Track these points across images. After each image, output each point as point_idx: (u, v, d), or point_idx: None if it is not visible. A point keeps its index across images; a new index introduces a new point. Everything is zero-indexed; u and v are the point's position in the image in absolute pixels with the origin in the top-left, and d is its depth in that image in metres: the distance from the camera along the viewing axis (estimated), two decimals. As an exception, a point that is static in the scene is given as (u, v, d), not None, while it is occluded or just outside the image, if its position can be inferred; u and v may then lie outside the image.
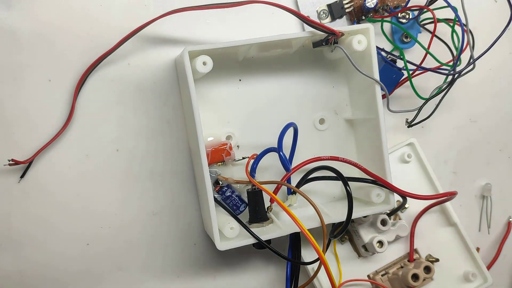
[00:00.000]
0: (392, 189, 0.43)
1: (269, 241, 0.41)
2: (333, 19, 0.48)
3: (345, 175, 0.43)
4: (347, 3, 0.48)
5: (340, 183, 0.43)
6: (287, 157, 0.44)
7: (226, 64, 0.45)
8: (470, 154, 0.55)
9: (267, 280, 0.50)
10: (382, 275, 0.49)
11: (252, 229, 0.41)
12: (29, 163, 0.43)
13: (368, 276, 0.49)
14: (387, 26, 0.50)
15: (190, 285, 0.48)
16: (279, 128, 0.42)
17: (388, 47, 0.50)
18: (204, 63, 0.39)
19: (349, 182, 0.42)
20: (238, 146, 0.46)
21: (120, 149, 0.45)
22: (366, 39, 0.42)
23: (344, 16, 0.49)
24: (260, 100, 0.46)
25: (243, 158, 0.44)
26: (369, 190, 0.44)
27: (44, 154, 0.43)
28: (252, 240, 0.41)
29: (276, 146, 0.43)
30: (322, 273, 0.46)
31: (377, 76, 0.42)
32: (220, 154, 0.43)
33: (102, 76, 0.44)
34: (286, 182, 0.44)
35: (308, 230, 0.39)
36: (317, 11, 0.48)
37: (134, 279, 0.46)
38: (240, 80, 0.46)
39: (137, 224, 0.46)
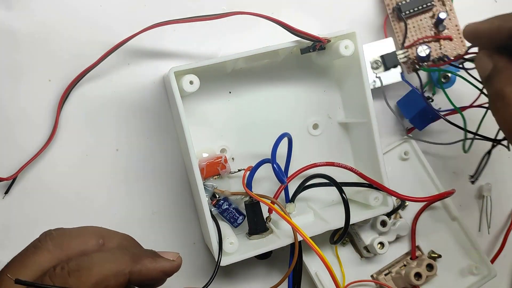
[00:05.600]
0: (389, 192, 0.43)
1: (270, 252, 0.41)
2: (387, 69, 0.48)
3: (343, 179, 0.43)
4: (400, 54, 0.48)
5: (337, 186, 0.43)
6: (282, 167, 0.43)
7: (215, 77, 0.44)
8: (470, 154, 0.54)
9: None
10: (386, 275, 0.49)
11: (252, 241, 0.42)
12: (13, 179, 0.42)
13: (372, 276, 0.49)
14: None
15: (189, 285, 0.48)
16: (273, 135, 0.41)
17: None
18: (191, 82, 0.39)
19: (346, 187, 0.42)
20: (233, 159, 0.46)
21: (119, 148, 0.45)
22: (353, 44, 0.41)
23: (399, 66, 0.48)
24: (252, 111, 0.46)
25: (239, 170, 0.44)
26: (367, 194, 0.44)
27: (42, 155, 0.43)
28: (253, 253, 0.41)
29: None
30: (325, 277, 0.46)
31: (367, 84, 0.42)
32: (215, 168, 0.43)
33: (99, 78, 0.44)
34: (284, 191, 0.44)
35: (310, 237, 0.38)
36: (370, 61, 0.48)
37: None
38: (230, 92, 0.45)
39: (137, 223, 0.46)
